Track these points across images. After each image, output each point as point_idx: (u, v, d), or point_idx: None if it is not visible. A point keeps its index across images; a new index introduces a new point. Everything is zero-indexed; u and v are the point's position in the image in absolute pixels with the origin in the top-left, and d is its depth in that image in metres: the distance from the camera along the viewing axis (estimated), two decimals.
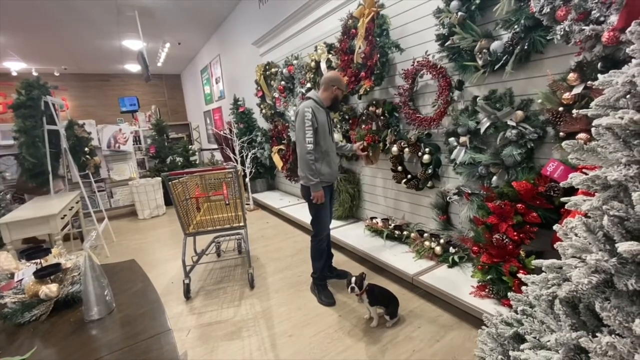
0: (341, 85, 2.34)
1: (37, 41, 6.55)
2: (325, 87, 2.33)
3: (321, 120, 2.24)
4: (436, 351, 1.78)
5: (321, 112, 2.26)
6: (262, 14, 4.89)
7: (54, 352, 1.04)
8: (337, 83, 2.32)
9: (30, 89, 3.50)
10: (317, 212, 2.36)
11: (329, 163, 2.32)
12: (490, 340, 1.17)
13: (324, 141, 2.27)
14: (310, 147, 2.17)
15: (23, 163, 3.62)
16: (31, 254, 1.48)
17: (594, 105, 0.90)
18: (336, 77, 2.34)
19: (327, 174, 2.31)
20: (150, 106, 8.57)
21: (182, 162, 6.04)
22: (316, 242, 2.41)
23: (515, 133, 1.84)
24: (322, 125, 2.24)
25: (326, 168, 2.31)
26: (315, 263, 2.44)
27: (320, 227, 2.39)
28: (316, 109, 2.22)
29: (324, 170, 2.30)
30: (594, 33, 1.43)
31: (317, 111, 2.22)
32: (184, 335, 2.08)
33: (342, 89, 2.36)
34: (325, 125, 2.28)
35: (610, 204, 0.82)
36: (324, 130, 2.26)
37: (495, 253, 1.89)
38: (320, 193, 2.24)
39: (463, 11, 1.99)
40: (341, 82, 2.34)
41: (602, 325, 0.86)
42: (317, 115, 2.21)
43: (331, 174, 2.35)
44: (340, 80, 2.34)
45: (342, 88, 2.35)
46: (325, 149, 2.29)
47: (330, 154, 2.33)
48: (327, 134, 2.30)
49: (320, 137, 2.25)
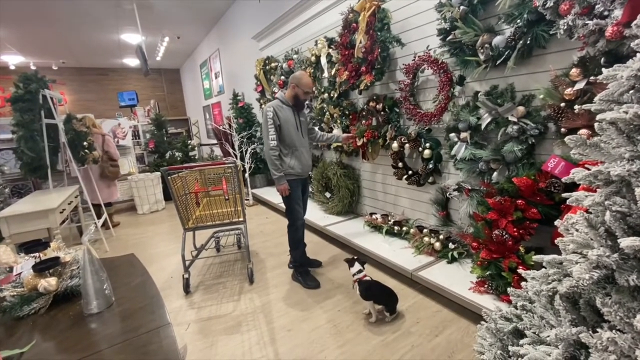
0: (300, 84, 2.38)
1: (35, 35, 6.49)
2: (288, 84, 2.46)
3: (284, 117, 2.38)
4: (435, 346, 1.79)
5: (285, 110, 2.40)
6: (262, 7, 4.85)
7: (53, 346, 1.04)
8: (297, 81, 2.39)
9: (28, 83, 3.47)
10: (288, 203, 2.52)
11: (298, 157, 2.46)
12: (489, 335, 1.17)
13: (289, 137, 2.42)
14: (273, 144, 2.34)
15: (21, 157, 3.60)
16: (30, 248, 1.47)
17: (597, 99, 0.89)
18: (297, 76, 2.42)
19: (296, 167, 2.45)
20: (149, 101, 8.53)
21: (181, 157, 6.02)
22: (292, 231, 2.57)
23: (516, 129, 1.83)
24: (285, 122, 2.38)
25: (295, 162, 2.45)
26: (293, 252, 2.63)
27: (293, 217, 2.54)
28: (279, 107, 2.39)
29: (293, 164, 2.44)
30: (598, 28, 1.41)
31: (280, 109, 2.38)
32: (184, 330, 2.08)
33: (302, 88, 2.39)
34: (291, 122, 2.42)
35: (612, 200, 0.82)
36: (287, 127, 2.40)
37: (495, 249, 1.89)
38: (284, 186, 2.39)
39: (465, 5, 1.97)
40: (301, 80, 2.39)
41: (603, 320, 0.86)
42: (280, 113, 2.36)
43: (302, 168, 2.49)
44: (301, 79, 2.39)
45: (301, 87, 2.38)
46: (292, 144, 2.43)
47: (300, 149, 2.47)
48: (294, 130, 2.44)
49: (285, 134, 2.40)
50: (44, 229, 2.89)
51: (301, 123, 2.51)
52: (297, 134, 2.45)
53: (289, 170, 2.43)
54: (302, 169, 2.49)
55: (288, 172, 2.44)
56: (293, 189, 2.46)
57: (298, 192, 2.52)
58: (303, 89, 2.39)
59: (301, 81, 2.39)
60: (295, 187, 2.49)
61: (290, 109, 2.44)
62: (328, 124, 3.66)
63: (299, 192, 2.54)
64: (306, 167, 2.54)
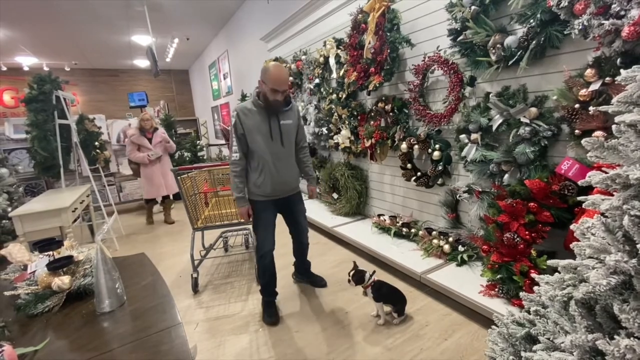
0: (266, 79, 1.85)
1: (48, 36, 6.62)
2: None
3: (252, 123, 1.90)
4: (444, 350, 1.77)
5: (253, 115, 1.91)
6: (271, 8, 4.87)
7: (67, 344, 1.05)
8: (262, 76, 1.87)
9: (42, 84, 3.54)
10: (254, 228, 2.11)
11: (269, 173, 1.97)
12: (501, 340, 1.15)
13: (257, 148, 1.93)
14: (235, 157, 1.92)
15: (35, 156, 3.67)
16: (43, 246, 1.50)
17: (615, 101, 0.87)
18: (263, 69, 1.89)
19: (265, 186, 1.97)
20: (159, 101, 8.64)
21: (190, 157, 6.08)
22: (257, 258, 2.14)
23: (528, 130, 1.80)
24: (251, 130, 1.90)
25: (265, 179, 1.97)
26: (260, 278, 2.18)
27: (257, 245, 2.10)
28: (245, 111, 1.91)
29: (261, 182, 1.97)
30: (614, 28, 1.38)
31: (247, 114, 1.90)
32: (192, 329, 2.10)
33: (269, 84, 1.84)
34: (261, 129, 1.92)
35: (631, 204, 0.80)
36: (254, 135, 1.91)
37: (506, 252, 1.87)
38: (244, 209, 1.99)
39: (477, 5, 1.95)
40: (267, 74, 1.84)
41: (620, 327, 0.83)
42: (244, 119, 1.89)
43: (273, 187, 1.99)
44: (268, 72, 1.84)
45: (267, 82, 1.85)
46: (261, 156, 1.94)
47: (273, 163, 1.96)
48: (265, 140, 1.93)
49: (252, 143, 1.92)
50: (56, 227, 2.94)
51: (281, 129, 1.96)
52: (269, 144, 1.94)
53: (254, 189, 1.99)
54: (272, 188, 1.99)
55: (252, 192, 2.01)
56: (258, 212, 2.04)
57: (266, 216, 2.06)
58: (269, 85, 1.84)
59: (266, 75, 1.84)
60: (262, 210, 2.04)
61: (263, 112, 1.93)
62: (336, 125, 3.65)
63: (269, 216, 2.08)
64: (281, 186, 2.03)
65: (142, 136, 4.12)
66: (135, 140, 4.10)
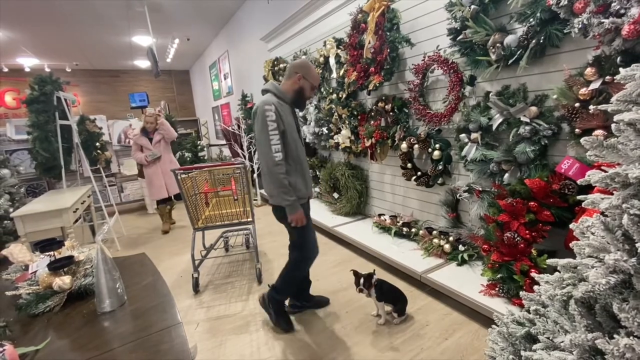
0: (309, 76, 1.81)
1: (49, 37, 6.63)
2: (289, 75, 1.84)
3: (288, 120, 1.76)
4: (444, 349, 1.77)
5: (285, 110, 1.78)
6: (271, 8, 4.87)
7: (68, 343, 1.06)
8: (304, 71, 1.81)
9: (43, 84, 3.55)
10: (300, 235, 1.91)
11: (303, 175, 1.86)
12: (501, 339, 1.15)
13: (296, 145, 1.80)
14: (278, 158, 1.69)
15: (36, 157, 3.69)
16: (45, 246, 1.50)
17: (614, 100, 0.87)
18: (304, 65, 1.84)
19: (302, 189, 1.85)
20: (160, 102, 8.64)
21: (190, 158, 6.08)
22: (298, 267, 1.99)
23: (528, 129, 1.80)
24: (289, 126, 1.77)
25: (301, 181, 1.85)
26: (285, 287, 2.01)
27: (307, 251, 1.96)
28: (280, 105, 1.75)
29: (299, 185, 1.83)
30: (614, 26, 1.38)
31: (282, 108, 1.75)
32: (193, 329, 2.10)
33: (311, 82, 1.83)
34: (293, 126, 1.82)
35: (630, 203, 0.80)
36: (292, 132, 1.79)
37: (506, 251, 1.86)
38: (299, 214, 1.78)
39: (476, 4, 1.95)
40: (310, 70, 1.82)
41: (619, 326, 0.83)
42: (282, 114, 1.73)
43: (307, 188, 1.90)
44: (309, 67, 1.83)
45: (309, 79, 1.82)
46: (298, 156, 1.82)
47: (303, 163, 1.87)
48: (297, 138, 1.84)
49: (290, 143, 1.77)
50: (57, 227, 2.95)
51: (298, 126, 1.92)
52: (300, 142, 1.87)
53: (297, 192, 1.82)
54: (307, 188, 1.91)
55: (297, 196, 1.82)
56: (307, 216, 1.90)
57: (309, 219, 1.95)
58: (312, 82, 1.84)
59: (310, 72, 1.82)
60: (308, 214, 1.94)
61: (289, 108, 1.83)
62: (336, 125, 3.65)
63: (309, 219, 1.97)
64: (310, 187, 1.96)
65: (143, 136, 4.13)
66: (137, 140, 4.11)
